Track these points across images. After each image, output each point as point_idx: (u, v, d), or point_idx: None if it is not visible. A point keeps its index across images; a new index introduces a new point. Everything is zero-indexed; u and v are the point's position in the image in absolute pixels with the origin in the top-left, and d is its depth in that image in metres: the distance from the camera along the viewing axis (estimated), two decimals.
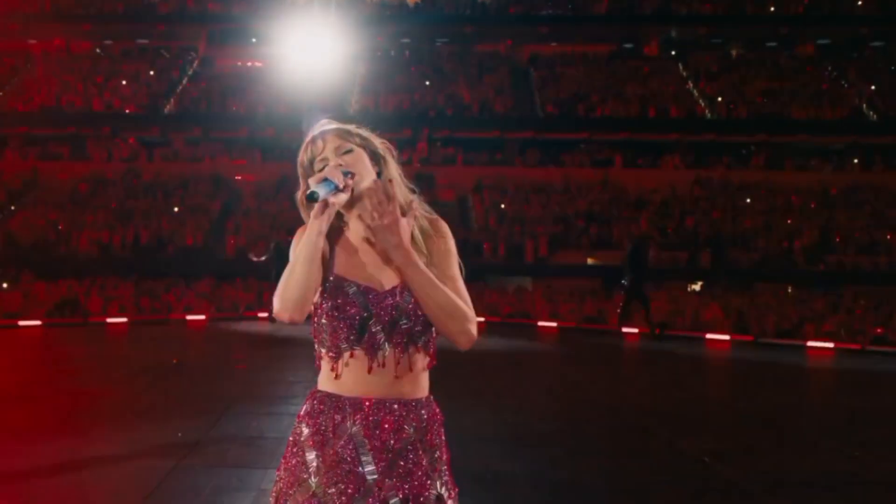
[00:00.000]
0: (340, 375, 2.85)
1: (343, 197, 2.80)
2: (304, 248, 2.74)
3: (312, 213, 2.75)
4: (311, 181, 2.79)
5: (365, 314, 2.81)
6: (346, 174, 2.81)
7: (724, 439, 9.36)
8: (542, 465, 7.95)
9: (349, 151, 2.91)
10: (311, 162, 2.93)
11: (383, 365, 2.81)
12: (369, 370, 2.81)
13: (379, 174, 2.93)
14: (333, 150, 2.91)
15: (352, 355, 2.83)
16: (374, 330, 2.81)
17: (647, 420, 10.29)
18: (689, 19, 41.69)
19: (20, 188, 33.97)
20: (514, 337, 19.38)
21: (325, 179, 2.76)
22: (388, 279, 2.86)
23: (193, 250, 29.93)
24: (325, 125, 2.99)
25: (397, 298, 2.82)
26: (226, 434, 9.06)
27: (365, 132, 3.00)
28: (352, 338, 2.81)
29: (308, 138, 2.97)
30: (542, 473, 7.63)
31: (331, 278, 2.86)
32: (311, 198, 2.70)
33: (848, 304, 22.74)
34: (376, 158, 2.96)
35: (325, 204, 2.75)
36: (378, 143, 3.00)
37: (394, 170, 2.99)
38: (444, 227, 3.01)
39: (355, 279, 2.85)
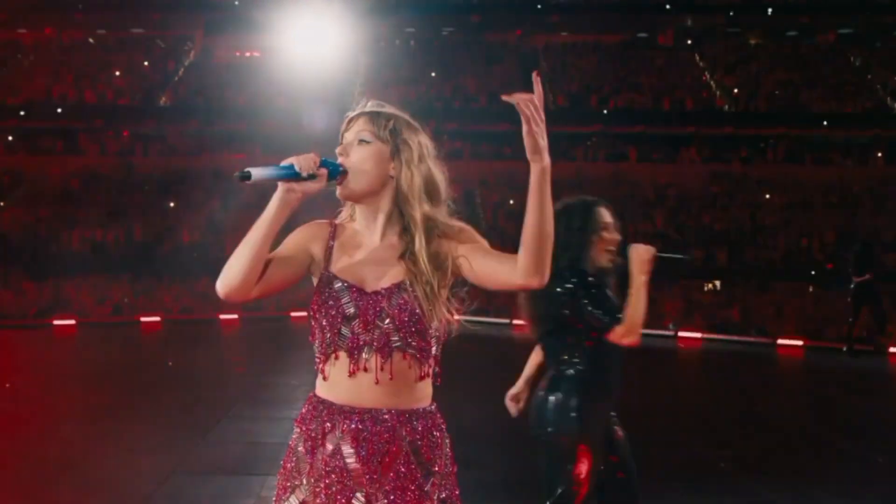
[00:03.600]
0: (328, 377, 2.85)
1: (312, 186, 2.79)
2: (255, 228, 2.78)
3: (275, 195, 2.77)
4: (288, 164, 2.78)
5: (349, 312, 2.81)
6: (330, 168, 2.82)
7: (740, 443, 9.37)
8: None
9: (365, 142, 2.91)
10: (342, 136, 2.97)
11: (365, 369, 2.80)
12: (350, 373, 2.81)
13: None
14: (355, 133, 2.93)
15: (336, 357, 2.83)
16: (356, 331, 2.81)
17: (659, 423, 10.30)
18: (705, 8, 41.60)
19: (9, 184, 33.98)
20: (521, 339, 19.40)
21: (289, 165, 2.75)
22: (382, 280, 2.86)
23: (191, 248, 29.93)
24: (370, 106, 3.00)
25: (384, 301, 2.82)
26: (224, 439, 9.10)
27: (401, 127, 2.98)
28: (336, 338, 2.82)
29: (352, 112, 2.99)
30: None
31: (324, 274, 2.88)
32: (242, 177, 2.70)
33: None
34: (399, 159, 2.93)
35: (293, 188, 2.77)
36: (411, 147, 2.97)
37: (414, 179, 2.95)
38: (466, 230, 3.04)
39: (346, 277, 2.86)
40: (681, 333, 19.71)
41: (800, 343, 18.79)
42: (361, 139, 2.91)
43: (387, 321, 2.80)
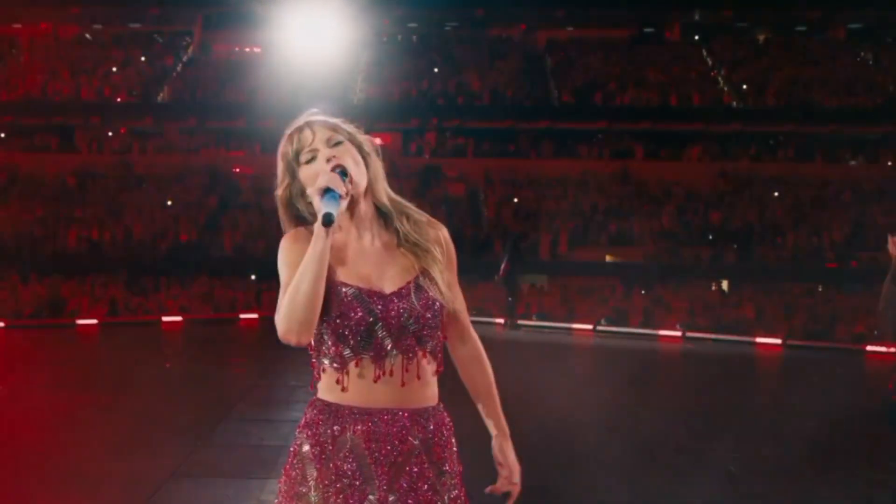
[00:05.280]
0: (347, 387, 2.81)
1: (344, 205, 2.77)
2: (311, 265, 2.69)
3: (318, 231, 2.69)
4: (314, 194, 2.74)
5: (370, 319, 2.78)
6: (343, 177, 2.78)
7: (751, 449, 9.33)
8: (558, 476, 7.93)
9: (339, 143, 2.90)
10: (298, 154, 2.91)
11: (391, 373, 2.79)
12: (376, 379, 2.79)
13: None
14: (324, 140, 2.90)
15: (357, 364, 2.80)
16: (380, 335, 2.78)
17: (666, 427, 10.26)
18: (713, 2, 41.55)
19: (5, 182, 33.99)
20: (527, 340, 19.37)
21: (328, 191, 2.71)
22: (391, 281, 2.84)
23: (188, 247, 29.95)
24: (313, 115, 2.99)
25: (405, 301, 2.80)
26: (223, 442, 9.07)
27: (351, 126, 2.99)
28: (357, 345, 2.79)
29: (292, 128, 2.97)
30: (559, 485, 7.62)
31: (327, 283, 2.82)
32: (328, 221, 2.65)
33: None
34: (361, 154, 2.93)
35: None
36: (363, 138, 2.98)
37: (378, 167, 2.98)
38: (444, 229, 3.04)
39: (353, 282, 2.81)
40: (689, 334, 19.69)
41: (809, 344, 18.76)
42: (336, 142, 2.90)
43: (411, 321, 2.80)
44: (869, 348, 17.72)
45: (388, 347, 2.78)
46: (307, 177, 2.87)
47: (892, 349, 17.85)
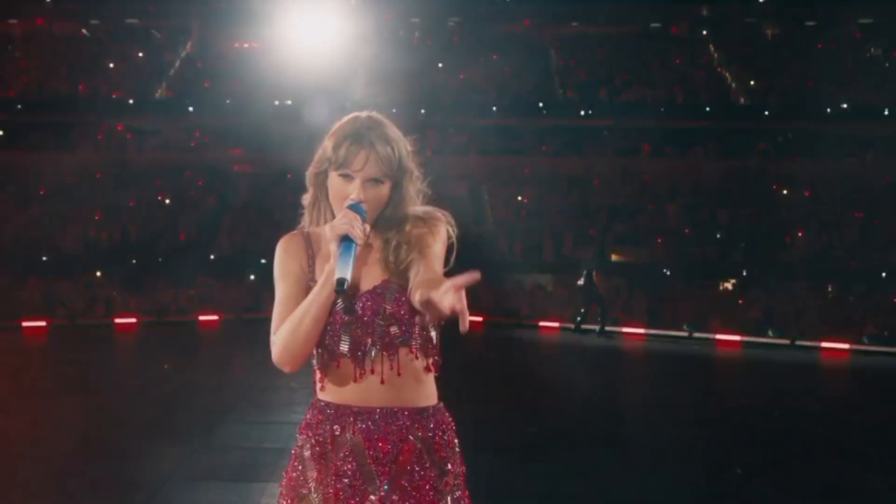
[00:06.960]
0: (328, 385, 2.86)
1: (359, 251, 2.77)
2: (314, 309, 2.77)
3: (326, 283, 2.75)
4: (331, 238, 2.76)
5: (346, 317, 2.82)
6: (362, 215, 2.78)
7: (757, 449, 9.34)
8: (562, 477, 7.94)
9: (378, 183, 2.86)
10: (339, 164, 2.85)
11: (372, 371, 2.81)
12: (356, 378, 2.82)
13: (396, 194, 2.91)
14: (369, 176, 2.84)
15: (338, 364, 2.83)
16: (358, 334, 2.81)
17: (671, 427, 10.28)
18: None
19: (0, 180, 33.96)
20: (527, 340, 19.38)
21: (346, 240, 2.73)
22: (371, 278, 2.86)
23: (187, 246, 29.93)
24: (378, 134, 2.88)
25: (380, 298, 2.83)
26: (223, 444, 9.09)
27: (404, 154, 2.92)
28: (335, 346, 2.82)
29: (351, 132, 2.87)
30: (562, 487, 7.63)
31: (311, 285, 2.86)
32: (340, 288, 2.69)
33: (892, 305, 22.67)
34: (398, 187, 2.91)
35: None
36: (413, 167, 2.96)
37: (408, 195, 2.94)
38: (437, 214, 2.99)
39: None
40: (695, 335, 19.70)
41: (816, 344, 18.77)
42: (375, 179, 2.85)
43: (387, 318, 2.81)
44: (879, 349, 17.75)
45: (367, 346, 2.81)
46: (334, 186, 2.87)
47: None
